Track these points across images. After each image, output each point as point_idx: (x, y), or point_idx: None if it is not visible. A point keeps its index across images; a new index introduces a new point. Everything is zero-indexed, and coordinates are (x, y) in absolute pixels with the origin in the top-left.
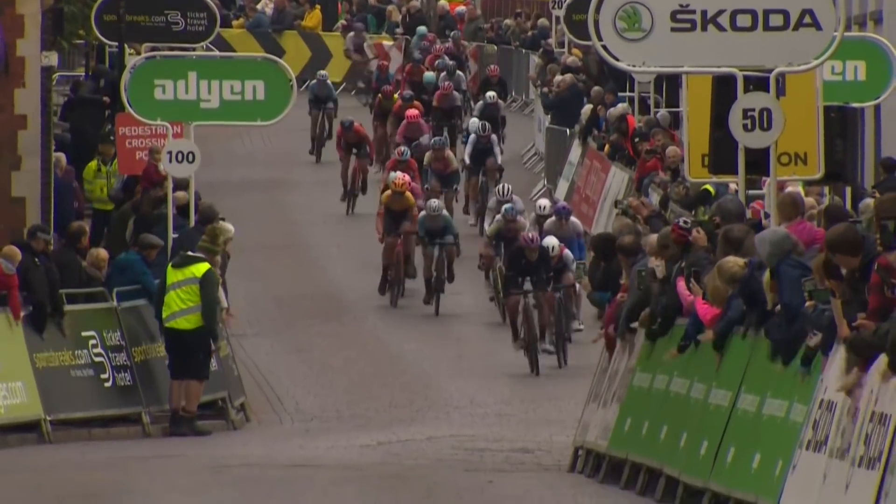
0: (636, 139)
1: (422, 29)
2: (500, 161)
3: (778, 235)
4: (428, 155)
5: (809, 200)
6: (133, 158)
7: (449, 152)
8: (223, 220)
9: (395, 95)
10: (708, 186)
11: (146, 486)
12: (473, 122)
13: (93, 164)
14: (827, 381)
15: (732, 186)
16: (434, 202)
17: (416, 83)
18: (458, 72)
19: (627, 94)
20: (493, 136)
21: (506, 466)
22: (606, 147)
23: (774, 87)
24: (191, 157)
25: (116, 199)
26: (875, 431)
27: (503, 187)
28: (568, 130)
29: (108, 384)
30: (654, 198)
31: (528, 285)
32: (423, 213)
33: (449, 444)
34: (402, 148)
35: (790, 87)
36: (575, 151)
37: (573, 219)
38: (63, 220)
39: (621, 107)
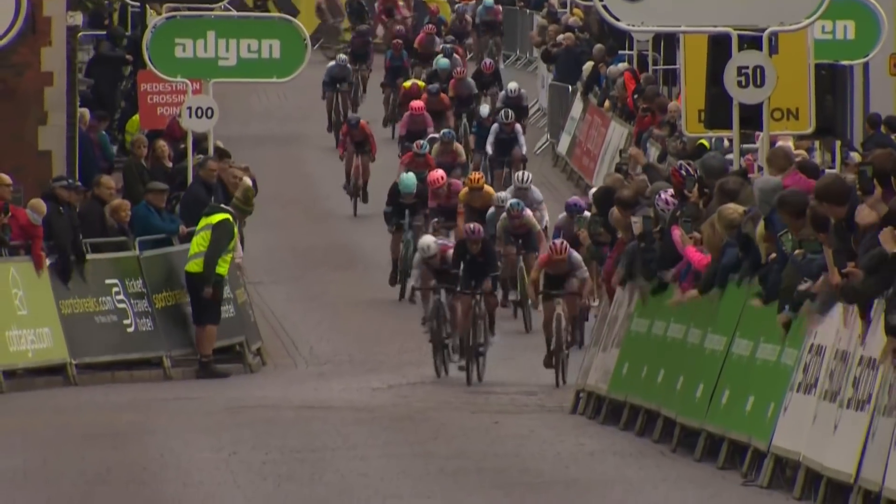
0: (635, 96)
1: None
2: (524, 151)
3: (770, 184)
4: (435, 147)
5: (801, 154)
6: (154, 114)
7: (458, 145)
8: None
9: (418, 81)
10: (703, 141)
11: (167, 425)
12: (485, 109)
13: (136, 118)
14: (817, 327)
15: (727, 141)
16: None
17: (425, 56)
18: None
19: (627, 52)
20: (518, 126)
21: (510, 408)
22: (606, 103)
23: (767, 46)
24: (209, 112)
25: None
26: (864, 375)
27: (522, 175)
28: (570, 87)
29: (130, 329)
30: (653, 152)
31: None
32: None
33: (456, 388)
34: (422, 141)
35: (782, 46)
36: (577, 107)
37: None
38: (87, 173)
39: (622, 65)
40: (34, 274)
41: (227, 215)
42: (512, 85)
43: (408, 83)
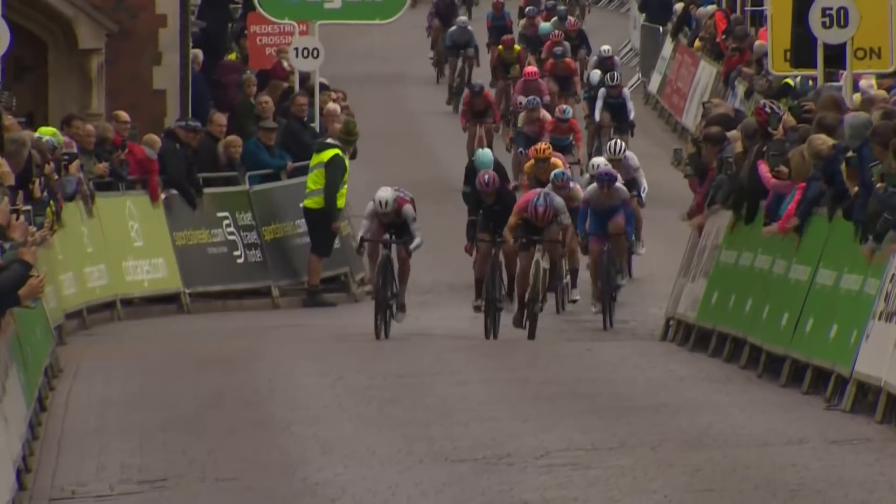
0: (724, 36)
1: None
2: (632, 116)
3: (859, 119)
4: (522, 116)
5: (881, 93)
6: (263, 54)
7: (544, 112)
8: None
9: (517, 46)
10: (789, 80)
11: (275, 352)
12: (595, 74)
13: (231, 55)
14: None
15: (811, 81)
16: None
17: (531, 37)
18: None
19: None
20: (625, 90)
21: (604, 336)
22: (696, 43)
23: None
24: (315, 52)
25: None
26: None
27: (614, 144)
28: (661, 28)
29: (239, 260)
30: (740, 90)
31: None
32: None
33: (552, 317)
34: (564, 106)
35: None
36: (667, 47)
37: (618, 185)
38: (199, 111)
39: (711, 7)
40: (150, 207)
41: (336, 150)
42: (604, 47)
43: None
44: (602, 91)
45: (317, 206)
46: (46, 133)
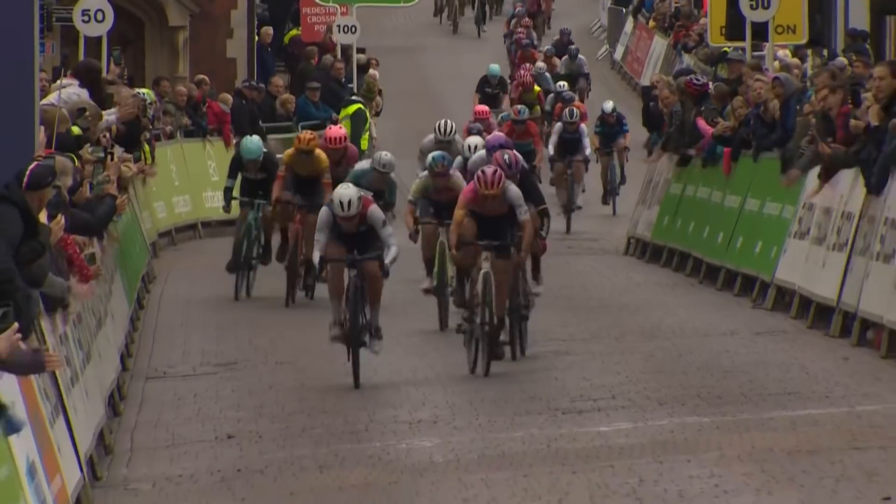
0: (673, 16)
1: None
2: (588, 152)
3: (789, 80)
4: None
5: (795, 60)
6: (312, 30)
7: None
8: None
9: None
10: (725, 48)
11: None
12: (563, 88)
13: (293, 31)
14: (809, 188)
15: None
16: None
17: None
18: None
19: None
20: (582, 126)
21: (578, 250)
22: (651, 22)
23: None
24: (354, 29)
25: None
26: (843, 224)
27: (570, 112)
28: (624, 9)
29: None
30: (686, 58)
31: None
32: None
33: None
34: (519, 107)
35: None
36: (629, 25)
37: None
38: (263, 75)
39: None
40: (224, 149)
41: (359, 105)
42: (561, 83)
43: None
44: (558, 126)
45: None
46: (144, 91)
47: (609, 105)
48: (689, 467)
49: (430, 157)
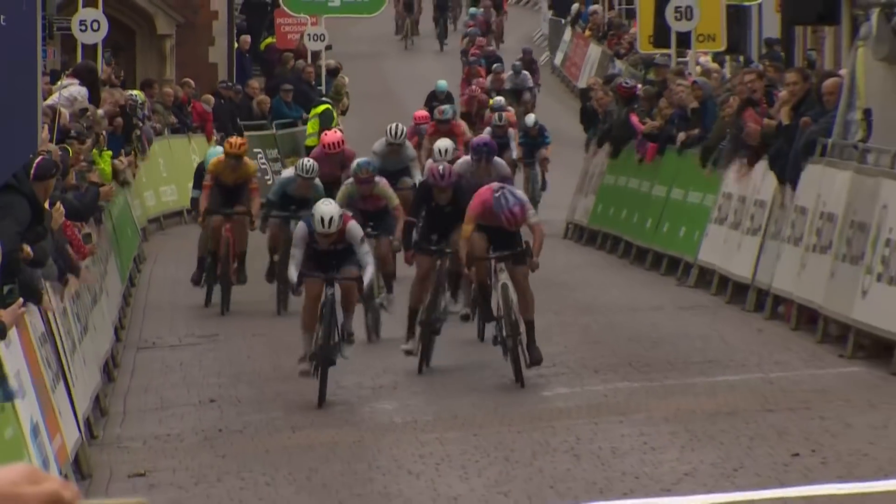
0: (606, 26)
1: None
2: (514, 156)
3: (707, 84)
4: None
5: (714, 65)
6: (286, 38)
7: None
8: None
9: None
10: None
11: None
12: (499, 101)
13: (268, 39)
14: (727, 179)
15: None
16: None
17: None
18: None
19: None
20: (511, 130)
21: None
22: (587, 31)
23: None
24: (322, 37)
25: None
26: (757, 211)
27: (499, 116)
28: (563, 20)
29: (269, 183)
30: (618, 63)
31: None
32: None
33: None
34: (444, 107)
35: None
36: (567, 34)
37: (497, 160)
38: (241, 78)
39: (596, 7)
40: (206, 144)
41: (327, 105)
42: (498, 97)
43: None
44: (487, 130)
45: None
46: (135, 92)
47: (531, 118)
48: (620, 427)
49: (355, 163)
